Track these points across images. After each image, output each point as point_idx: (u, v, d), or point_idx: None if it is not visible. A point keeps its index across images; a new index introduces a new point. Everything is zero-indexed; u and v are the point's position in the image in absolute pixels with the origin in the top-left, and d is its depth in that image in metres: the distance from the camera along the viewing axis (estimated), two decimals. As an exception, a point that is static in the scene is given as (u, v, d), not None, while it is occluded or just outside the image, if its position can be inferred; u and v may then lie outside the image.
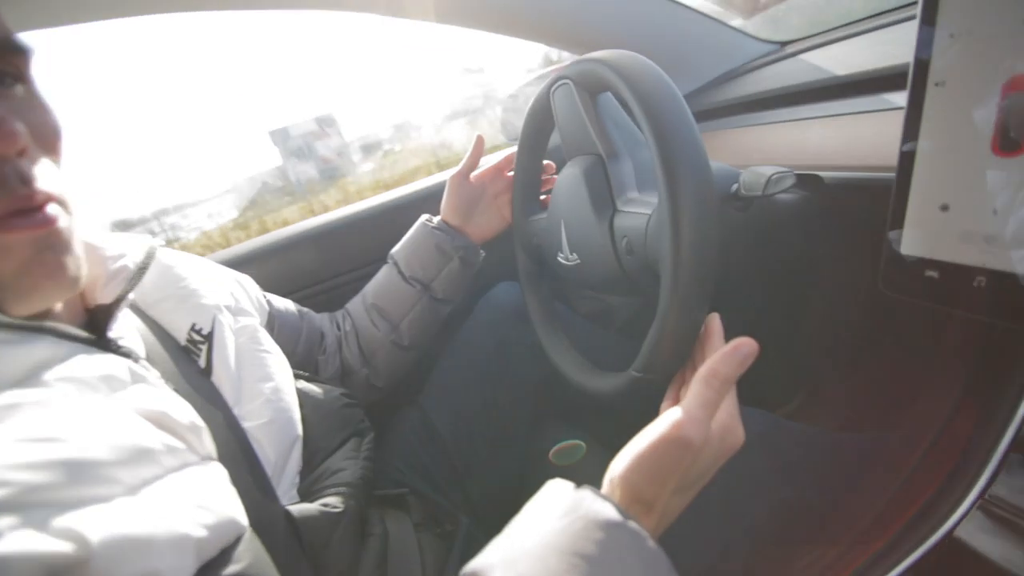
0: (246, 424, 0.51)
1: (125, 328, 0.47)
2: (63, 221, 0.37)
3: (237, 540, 0.39)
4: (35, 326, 0.36)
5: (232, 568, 0.37)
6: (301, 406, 0.58)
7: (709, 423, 0.37)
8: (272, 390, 0.55)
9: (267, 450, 0.51)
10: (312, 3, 0.81)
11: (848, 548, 0.45)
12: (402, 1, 0.79)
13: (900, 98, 0.54)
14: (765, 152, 0.68)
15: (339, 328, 0.79)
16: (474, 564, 0.32)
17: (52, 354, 0.36)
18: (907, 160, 0.41)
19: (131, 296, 0.46)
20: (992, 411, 0.45)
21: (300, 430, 0.56)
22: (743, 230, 0.51)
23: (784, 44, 1.03)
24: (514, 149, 0.79)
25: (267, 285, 0.73)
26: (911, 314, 0.85)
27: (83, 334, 0.40)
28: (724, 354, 0.38)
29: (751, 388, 0.59)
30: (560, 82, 0.59)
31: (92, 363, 0.38)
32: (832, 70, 0.70)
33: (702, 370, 0.38)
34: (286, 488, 0.52)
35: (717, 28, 1.02)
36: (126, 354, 0.43)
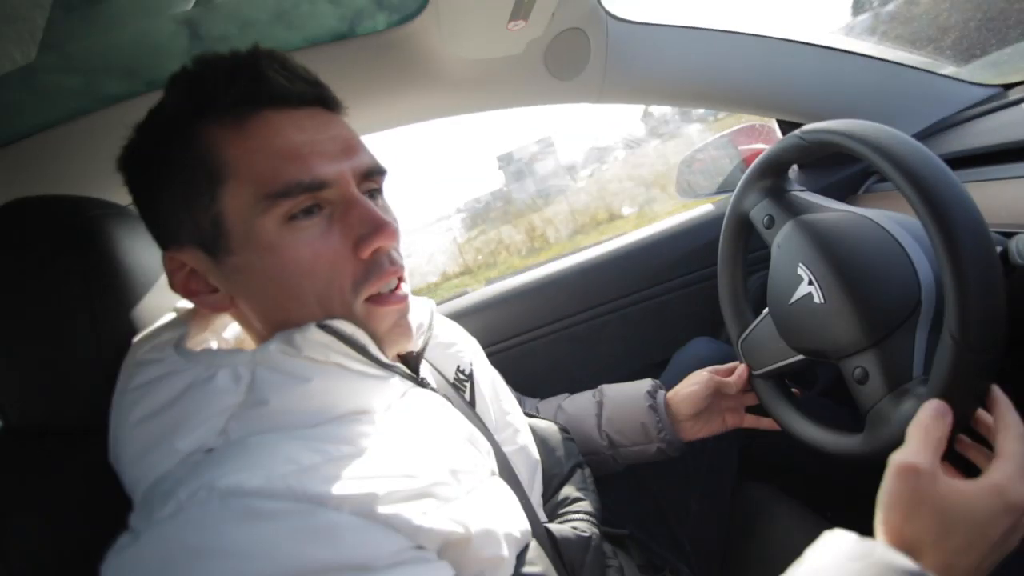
0: (504, 449, 0.60)
1: (425, 370, 0.59)
2: (409, 295, 0.51)
3: (526, 547, 0.47)
4: (392, 367, 0.49)
5: (532, 569, 0.45)
6: None
7: None
8: (515, 421, 0.64)
9: (521, 472, 0.59)
10: (512, 102, 0.95)
11: None
12: (610, 91, 0.90)
13: None
14: (1015, 210, 0.64)
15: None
16: None
17: (402, 389, 0.49)
18: None
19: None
20: None
21: (538, 457, 0.64)
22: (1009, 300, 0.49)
23: (1008, 87, 0.95)
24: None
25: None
26: None
27: (412, 375, 0.53)
28: (1000, 401, 0.43)
29: None
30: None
31: (422, 396, 0.50)
32: None
33: (1003, 418, 0.42)
34: (535, 507, 0.59)
35: (925, 77, 0.99)
36: (433, 390, 0.55)
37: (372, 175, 0.48)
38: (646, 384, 0.77)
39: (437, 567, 0.37)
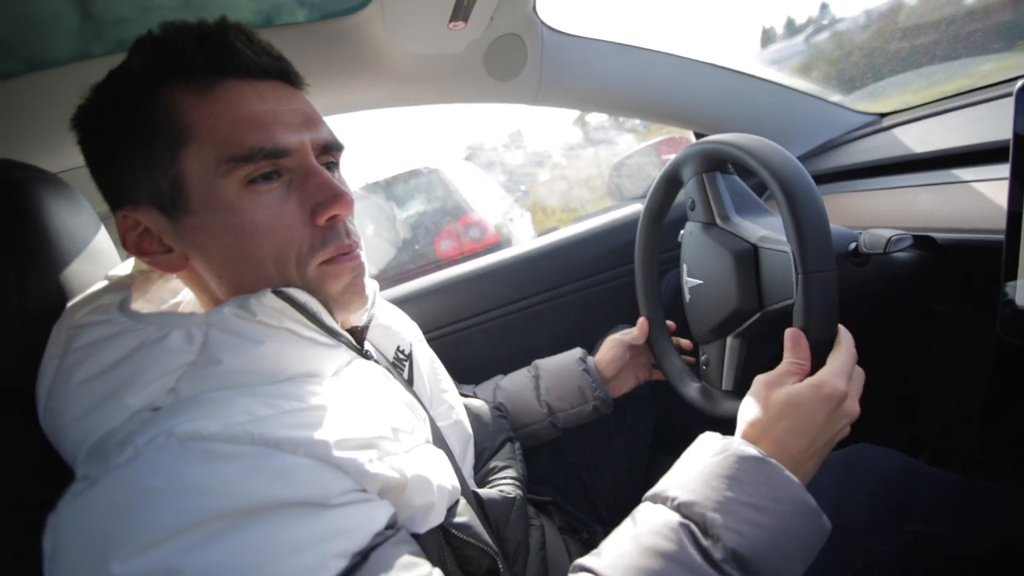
0: (439, 423, 0.64)
1: (367, 345, 0.62)
2: (364, 259, 0.53)
3: (457, 502, 0.52)
4: (340, 335, 0.52)
5: (460, 519, 0.50)
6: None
7: (848, 380, 0.48)
8: (450, 399, 0.69)
9: (453, 444, 0.63)
10: (453, 98, 0.99)
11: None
12: (547, 95, 0.96)
13: (1001, 170, 0.62)
14: (877, 215, 0.76)
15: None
16: (654, 490, 0.45)
17: (348, 358, 0.52)
18: (1014, 223, 0.49)
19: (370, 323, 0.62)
20: None
21: (471, 431, 0.69)
22: (861, 284, 0.59)
23: (882, 116, 1.12)
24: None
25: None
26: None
27: (358, 347, 0.56)
28: (843, 332, 0.52)
29: (875, 442, 0.65)
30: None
31: (366, 367, 0.53)
32: (932, 143, 0.78)
33: (839, 343, 0.51)
34: (466, 477, 0.64)
35: (817, 104, 1.13)
36: (376, 362, 0.58)
37: (330, 149, 0.50)
38: (576, 352, 0.86)
39: (380, 505, 0.41)
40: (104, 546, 0.32)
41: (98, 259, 0.56)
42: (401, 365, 0.67)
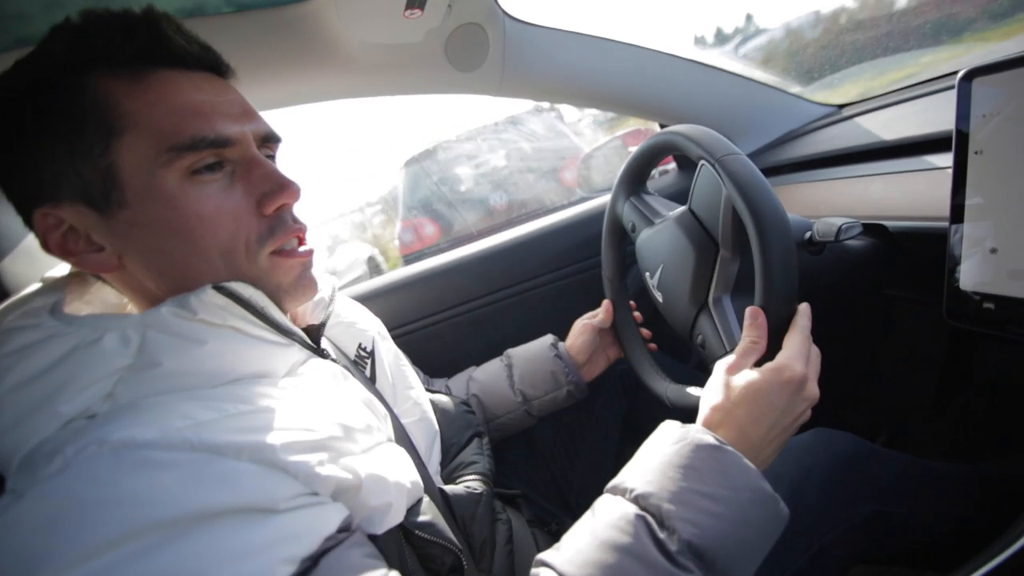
0: (403, 420, 0.63)
1: (325, 343, 0.61)
2: (313, 250, 0.52)
3: (419, 501, 0.51)
4: (292, 333, 0.50)
5: (422, 518, 0.49)
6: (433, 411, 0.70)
7: (805, 362, 0.49)
8: (416, 396, 0.68)
9: (418, 441, 0.63)
10: (415, 88, 0.96)
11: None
12: (511, 86, 0.95)
13: (949, 159, 0.64)
14: (832, 204, 0.78)
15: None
16: (614, 481, 0.45)
17: (301, 357, 0.50)
18: (957, 212, 0.51)
19: (329, 321, 0.60)
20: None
21: (437, 427, 0.68)
22: (817, 272, 0.61)
23: (841, 107, 1.14)
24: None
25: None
26: (993, 349, 0.89)
27: (312, 345, 0.54)
28: (800, 312, 0.52)
29: (832, 426, 0.66)
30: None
31: (322, 366, 0.52)
32: (886, 133, 0.80)
33: (795, 324, 0.51)
34: (432, 474, 0.63)
35: (777, 95, 1.15)
36: (334, 360, 0.56)
37: (269, 141, 0.50)
38: (548, 339, 0.87)
39: (333, 508, 0.40)
40: (31, 563, 0.30)
41: (36, 260, 0.53)
42: (363, 363, 0.66)
